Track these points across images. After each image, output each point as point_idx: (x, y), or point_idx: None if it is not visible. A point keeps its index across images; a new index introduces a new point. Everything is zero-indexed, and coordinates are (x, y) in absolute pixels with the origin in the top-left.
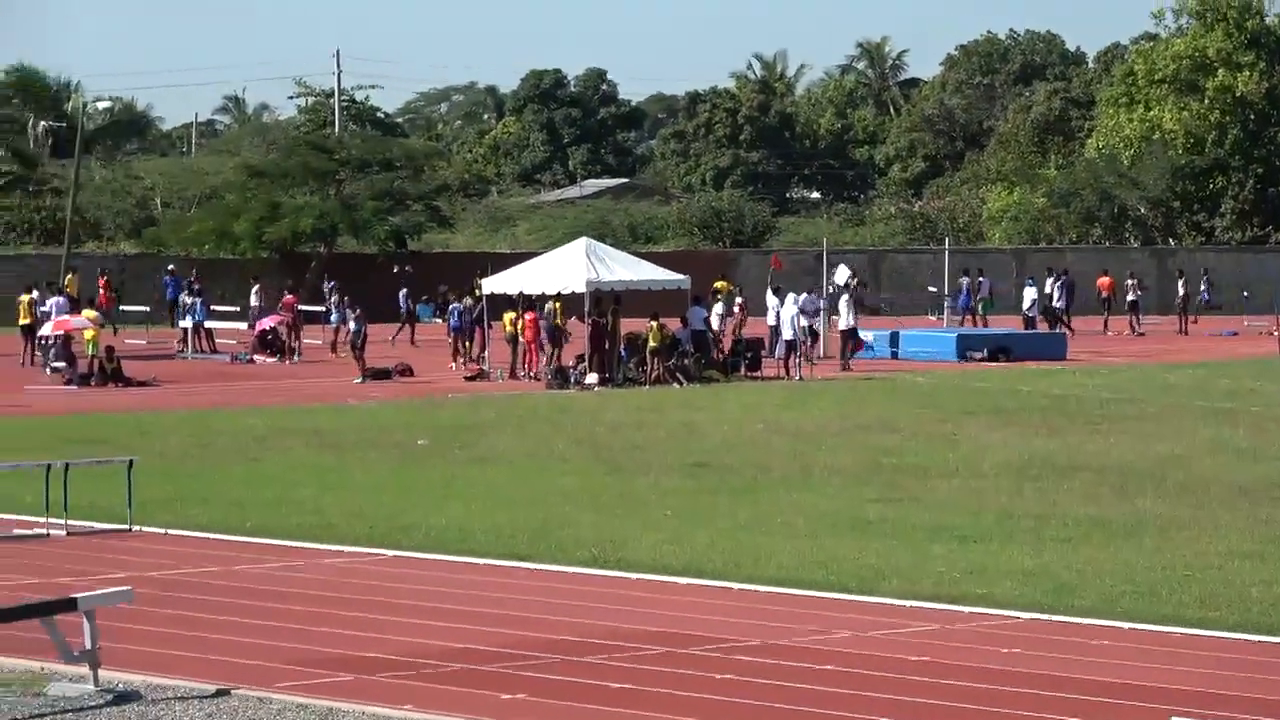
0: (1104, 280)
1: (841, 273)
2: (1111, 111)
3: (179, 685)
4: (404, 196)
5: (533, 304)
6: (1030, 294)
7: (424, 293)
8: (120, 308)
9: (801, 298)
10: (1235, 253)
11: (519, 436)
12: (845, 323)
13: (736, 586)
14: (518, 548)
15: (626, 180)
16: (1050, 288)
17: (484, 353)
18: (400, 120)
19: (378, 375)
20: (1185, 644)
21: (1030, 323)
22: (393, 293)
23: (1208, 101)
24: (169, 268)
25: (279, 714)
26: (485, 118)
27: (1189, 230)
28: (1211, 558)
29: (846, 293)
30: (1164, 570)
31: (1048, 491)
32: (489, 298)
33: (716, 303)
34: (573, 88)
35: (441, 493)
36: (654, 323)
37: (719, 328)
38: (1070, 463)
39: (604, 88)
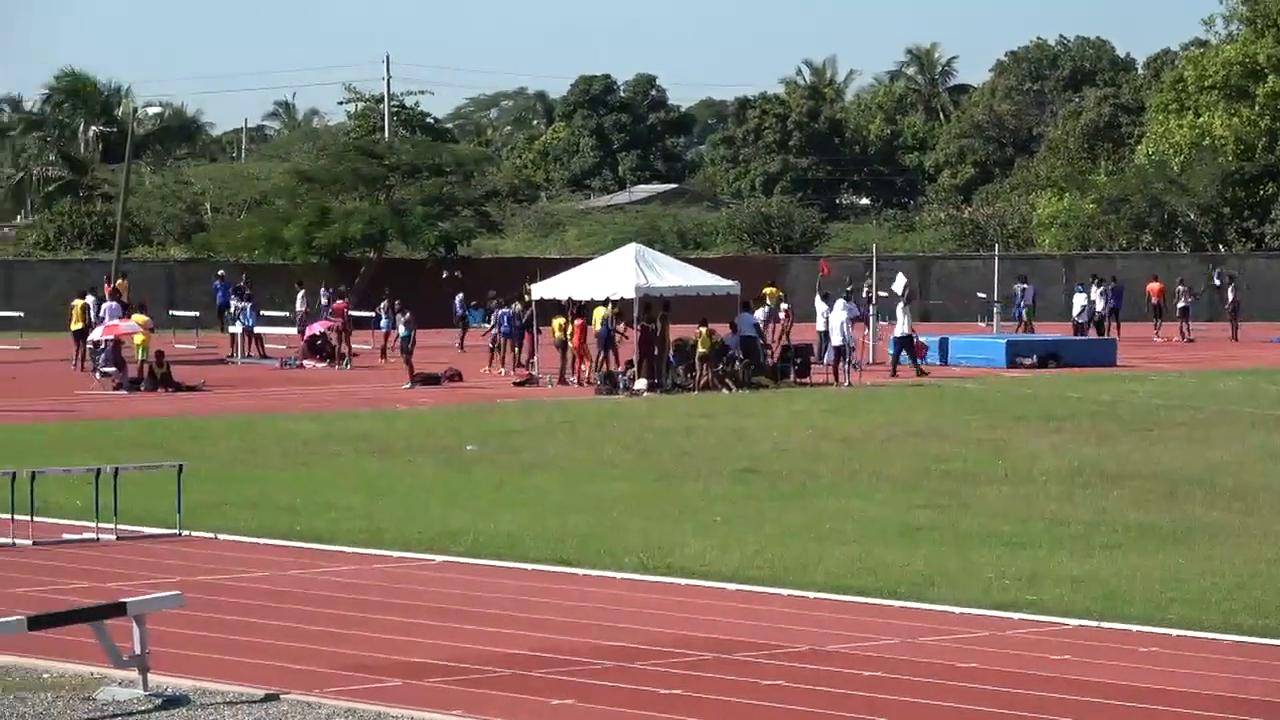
0: (1154, 286)
1: (899, 281)
2: (1161, 118)
3: (228, 690)
4: (453, 202)
5: (582, 310)
6: (1080, 300)
7: (473, 298)
8: (171, 313)
9: (837, 304)
10: None
11: (568, 442)
12: (902, 329)
13: (785, 593)
14: (566, 553)
15: (676, 186)
16: (1094, 296)
17: (533, 358)
18: (450, 126)
19: (427, 381)
20: (1235, 651)
21: (1080, 329)
22: (442, 298)
23: (1258, 108)
24: (219, 273)
25: (328, 719)
26: (535, 123)
27: (1239, 236)
28: (1262, 565)
29: (903, 300)
30: (1214, 578)
31: (1097, 498)
32: (538, 303)
33: (761, 308)
34: (622, 93)
35: (490, 498)
36: (703, 328)
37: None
38: (1120, 469)
39: (653, 93)
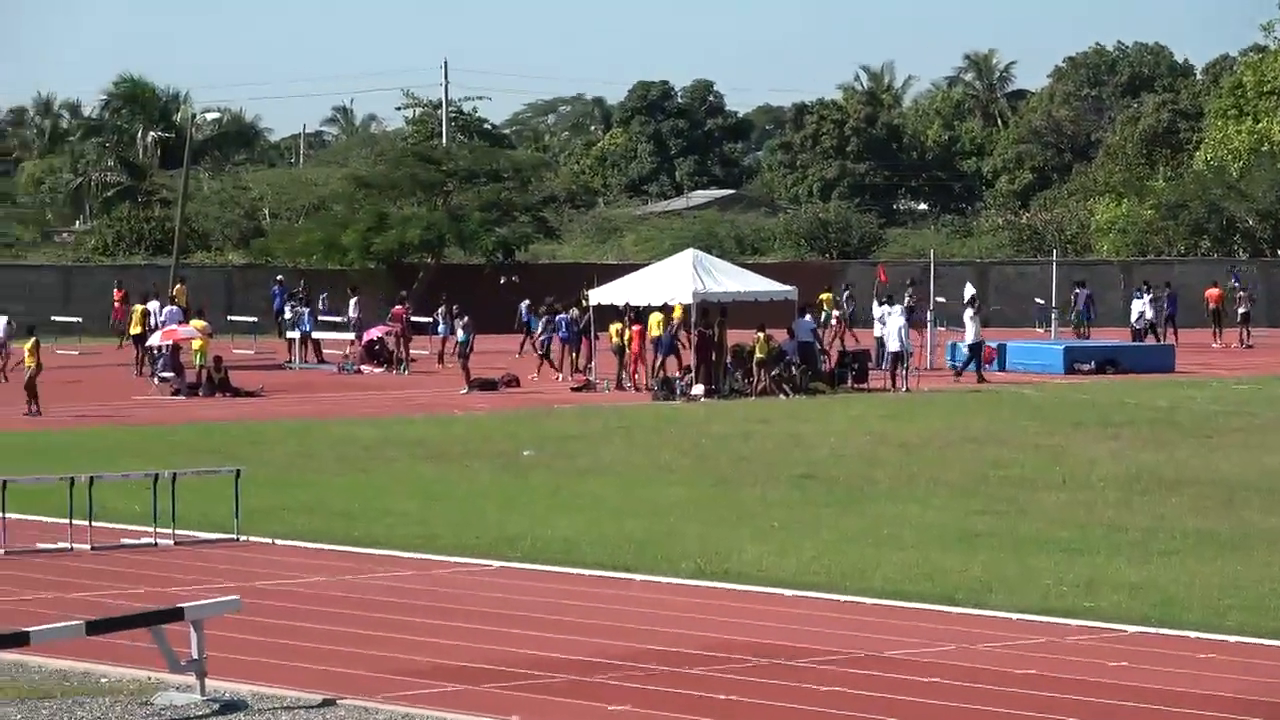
0: (1213, 292)
1: (968, 290)
2: (1220, 123)
3: (285, 695)
4: (511, 207)
5: (641, 316)
6: (1138, 306)
7: (534, 304)
8: (229, 318)
9: (880, 310)
10: None
11: (625, 447)
12: (971, 337)
13: (842, 598)
14: (624, 559)
15: (733, 191)
16: (1146, 304)
17: (590, 364)
18: (507, 131)
19: (484, 386)
20: None
21: (1138, 335)
22: (499, 303)
23: None
24: (278, 278)
25: None
26: (592, 129)
27: None
28: None
29: (971, 307)
30: (1272, 584)
31: (1155, 504)
32: (595, 309)
33: (818, 314)
34: (680, 99)
35: (547, 503)
36: (760, 334)
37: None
38: (1178, 475)
39: (711, 99)
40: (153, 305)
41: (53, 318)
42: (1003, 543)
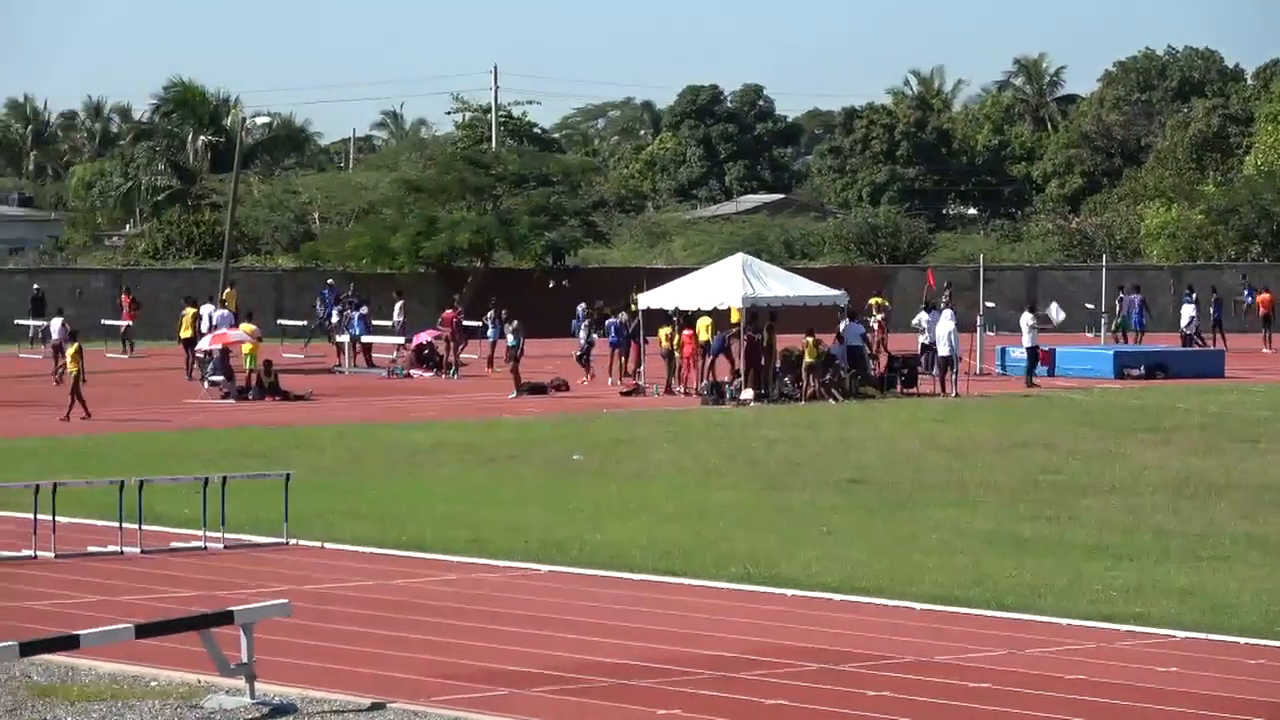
0: (1264, 297)
1: (1056, 311)
2: (1270, 128)
3: (335, 699)
4: (560, 212)
5: (690, 320)
6: (1188, 311)
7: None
8: (279, 322)
9: (921, 315)
10: None
11: (674, 452)
12: (1028, 341)
13: (891, 603)
14: (673, 563)
15: (783, 196)
16: (1190, 311)
17: (639, 368)
18: (557, 136)
19: (533, 390)
20: None
21: (1188, 340)
22: (549, 308)
23: None
24: (328, 282)
25: None
26: (642, 133)
27: None
28: None
29: (1029, 313)
30: None
31: (1205, 510)
32: (645, 313)
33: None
34: (729, 103)
35: (597, 508)
36: (810, 338)
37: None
38: (1228, 480)
39: (761, 103)
40: (205, 309)
41: (103, 321)
42: (1052, 548)
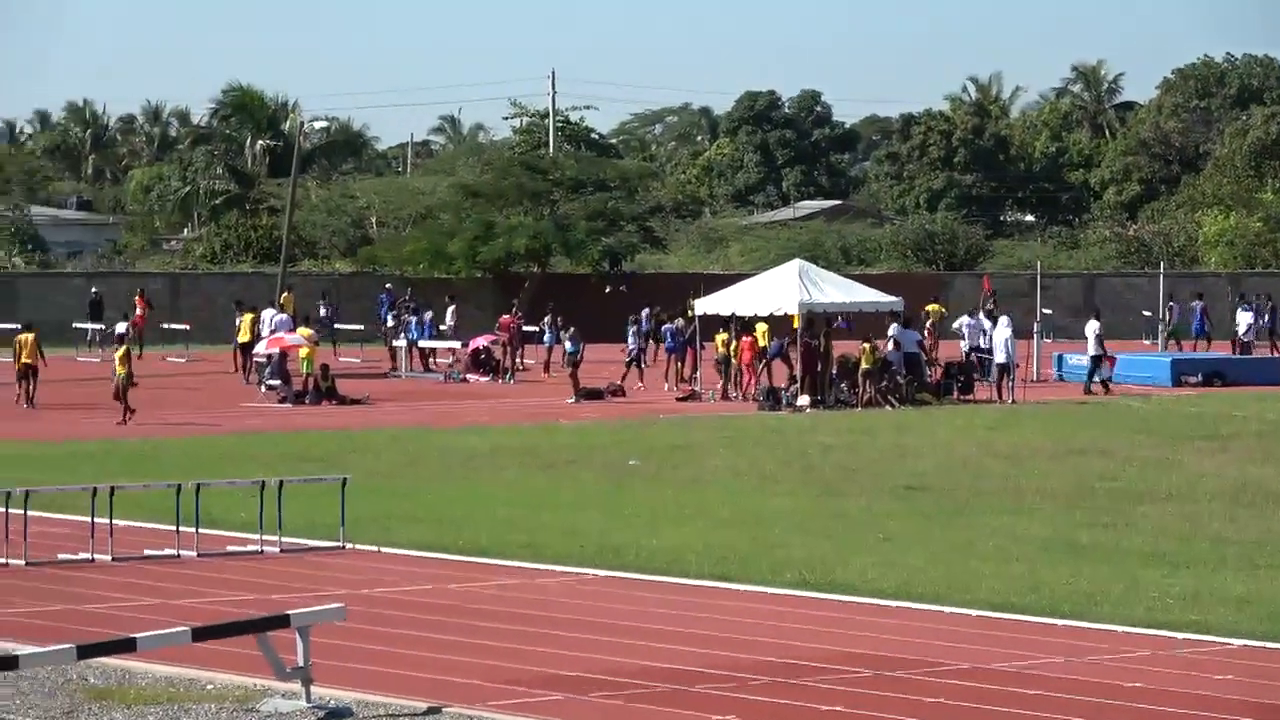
0: None
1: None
2: None
3: (390, 703)
4: (617, 217)
5: (750, 326)
6: (1245, 319)
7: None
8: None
9: (962, 320)
10: None
11: (731, 458)
12: (1093, 349)
13: (948, 610)
14: (729, 569)
15: (840, 202)
16: (1240, 318)
17: (696, 373)
18: (614, 141)
19: (589, 395)
20: None
21: (1245, 348)
22: (606, 313)
23: None
24: (386, 286)
25: None
26: (699, 139)
27: None
28: None
29: (1097, 320)
30: None
31: (1262, 517)
32: (701, 319)
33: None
34: (787, 109)
35: (653, 513)
36: (866, 344)
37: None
38: None
39: (818, 109)
40: (266, 314)
41: (161, 325)
42: (1108, 555)
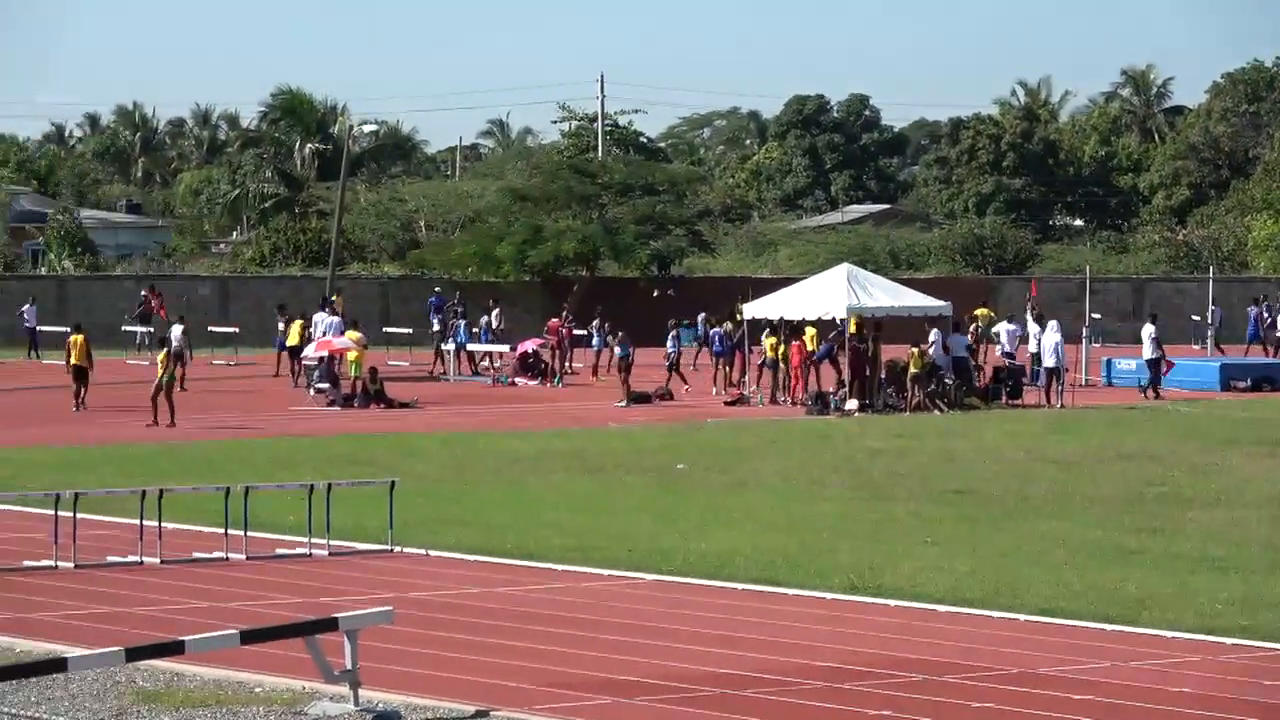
0: None
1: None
2: None
3: (438, 706)
4: (665, 221)
5: (799, 330)
6: None
7: (685, 317)
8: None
9: (1000, 325)
10: None
11: (779, 462)
12: (1149, 353)
13: (996, 615)
14: (776, 573)
15: (888, 206)
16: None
17: (744, 377)
18: (663, 145)
19: (638, 399)
20: None
21: None
22: (653, 317)
23: None
24: (435, 289)
25: None
26: (748, 143)
27: None
28: None
29: (1153, 324)
30: None
31: None
32: (749, 323)
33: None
34: (835, 113)
35: (701, 517)
36: (915, 349)
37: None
38: None
39: (866, 113)
40: (317, 317)
41: (210, 328)
42: (1158, 560)
